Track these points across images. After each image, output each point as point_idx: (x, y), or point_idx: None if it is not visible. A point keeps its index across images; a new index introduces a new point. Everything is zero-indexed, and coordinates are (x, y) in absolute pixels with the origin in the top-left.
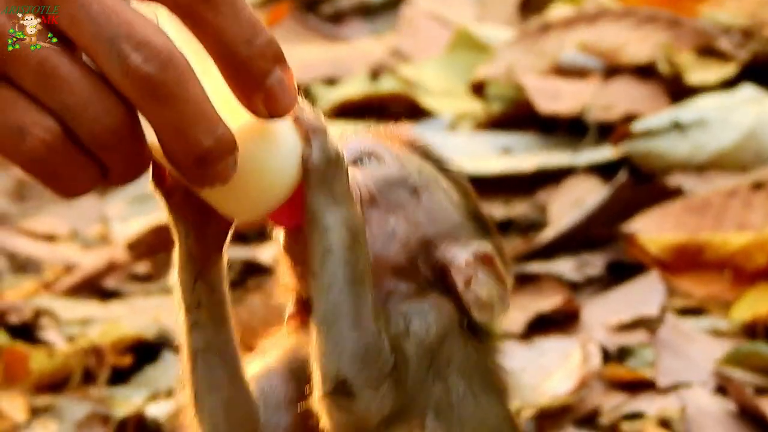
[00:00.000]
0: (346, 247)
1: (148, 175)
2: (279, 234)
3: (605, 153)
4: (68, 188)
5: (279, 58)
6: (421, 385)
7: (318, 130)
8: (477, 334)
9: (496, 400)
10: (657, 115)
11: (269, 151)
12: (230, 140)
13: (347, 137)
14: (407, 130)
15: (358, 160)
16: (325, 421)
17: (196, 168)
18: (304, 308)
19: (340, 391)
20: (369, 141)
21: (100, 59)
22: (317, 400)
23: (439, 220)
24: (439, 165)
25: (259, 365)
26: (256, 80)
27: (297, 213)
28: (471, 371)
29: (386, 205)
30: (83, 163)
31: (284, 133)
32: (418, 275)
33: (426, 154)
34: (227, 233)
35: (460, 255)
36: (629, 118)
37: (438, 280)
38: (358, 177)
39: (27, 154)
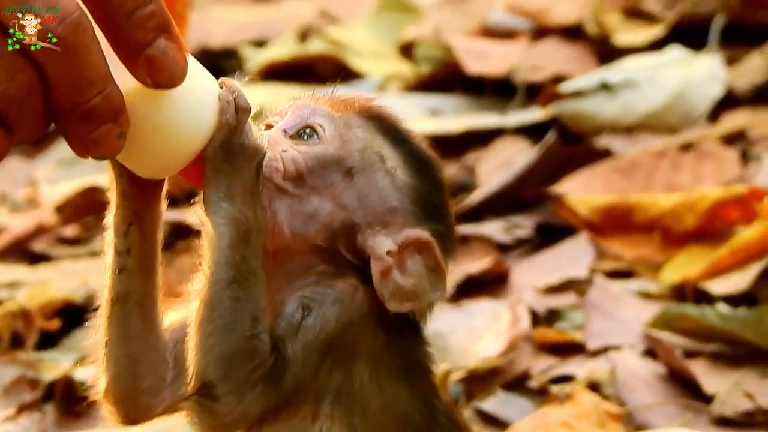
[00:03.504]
0: (232, 246)
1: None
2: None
3: (533, 114)
4: None
5: (162, 29)
6: (314, 376)
7: (229, 123)
8: (399, 322)
9: (406, 387)
10: (585, 76)
11: (168, 114)
12: (117, 100)
13: (295, 103)
14: (368, 98)
15: (298, 133)
16: (189, 419)
17: (82, 124)
18: None
19: (203, 393)
20: (316, 111)
21: (6, 18)
22: (184, 398)
23: (371, 204)
24: (397, 139)
25: (179, 314)
26: (136, 50)
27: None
28: (379, 360)
29: (313, 185)
30: None
31: (191, 98)
32: (339, 258)
33: (383, 125)
34: (164, 179)
35: (383, 244)
36: (557, 80)
37: (361, 265)
38: (291, 153)
39: None
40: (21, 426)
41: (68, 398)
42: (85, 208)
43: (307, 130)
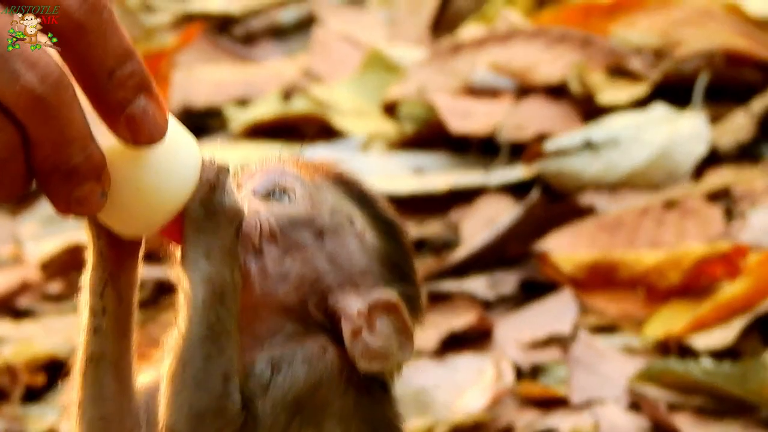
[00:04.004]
0: (207, 305)
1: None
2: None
3: (517, 172)
4: None
5: (143, 88)
6: None
7: (210, 182)
8: (368, 382)
9: None
10: (569, 134)
11: (148, 173)
12: (99, 160)
13: (264, 165)
14: (334, 163)
15: (269, 194)
16: None
17: (64, 183)
18: None
19: None
20: (285, 173)
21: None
22: None
23: (341, 265)
24: (364, 202)
25: (152, 376)
26: (116, 109)
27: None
28: (349, 419)
29: (285, 245)
30: None
31: (171, 157)
32: (308, 318)
33: (350, 189)
34: (141, 241)
35: (353, 304)
36: (541, 138)
37: (330, 325)
38: (262, 212)
39: None
40: None
41: None
42: (69, 264)
43: (277, 192)
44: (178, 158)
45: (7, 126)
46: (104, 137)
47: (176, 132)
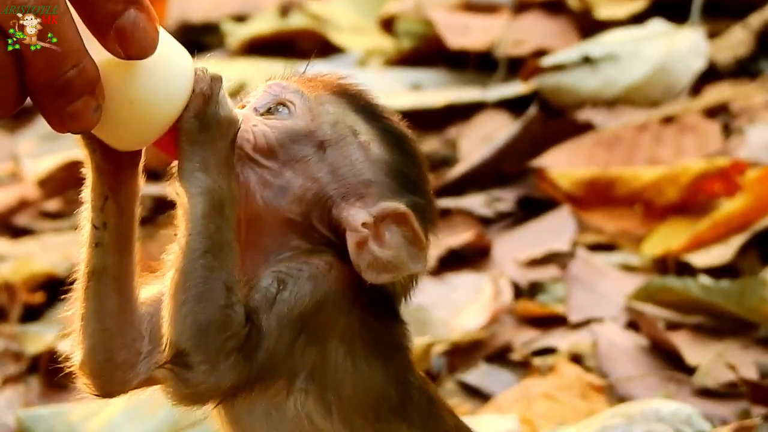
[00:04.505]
0: (205, 217)
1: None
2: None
3: (515, 88)
4: None
5: (132, 0)
6: (288, 350)
7: (203, 93)
8: (375, 302)
9: (380, 365)
10: (567, 50)
11: (141, 86)
12: (92, 73)
13: (266, 82)
14: (339, 76)
15: (269, 109)
16: (163, 388)
17: (58, 97)
18: None
19: (177, 361)
20: (285, 88)
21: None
22: (158, 368)
23: (343, 176)
24: (370, 114)
25: (155, 289)
26: (106, 21)
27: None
28: (354, 337)
29: (285, 158)
30: None
31: (164, 69)
32: (313, 233)
33: (355, 102)
34: (139, 153)
35: (358, 215)
36: (539, 53)
37: (337, 241)
38: (261, 127)
39: None
40: (5, 398)
41: (52, 370)
42: (67, 182)
43: (278, 107)
44: (171, 71)
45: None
46: (97, 52)
47: (168, 45)
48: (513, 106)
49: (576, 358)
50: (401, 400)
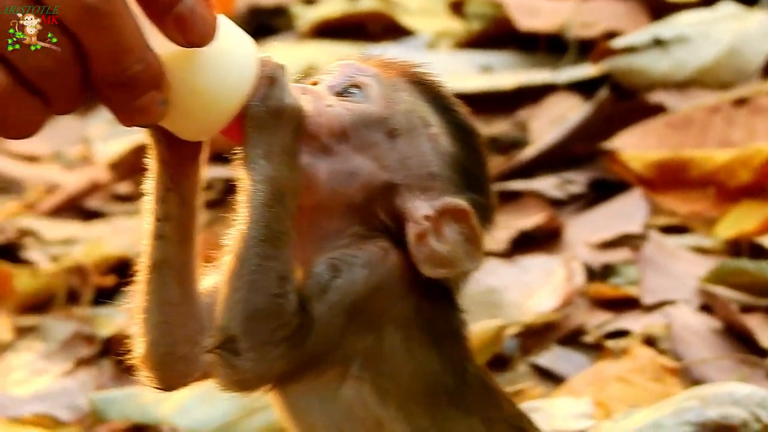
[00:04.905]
0: (264, 204)
1: None
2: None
3: (586, 70)
4: (14, 132)
5: None
6: (341, 338)
7: (269, 78)
8: (430, 289)
9: (437, 352)
10: (638, 31)
11: (205, 74)
12: (157, 67)
13: (343, 61)
14: (414, 63)
15: (344, 90)
16: (212, 372)
17: (124, 93)
18: None
19: (226, 347)
20: (363, 70)
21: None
22: (208, 350)
23: (411, 167)
24: (441, 105)
25: (214, 279)
26: (164, 9)
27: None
28: (409, 324)
29: (356, 143)
30: (27, 102)
31: (226, 57)
32: (373, 219)
33: (428, 91)
34: (202, 144)
35: (421, 207)
36: (609, 35)
37: (396, 229)
38: (336, 108)
39: None
40: (78, 381)
41: (124, 353)
42: (138, 165)
43: (353, 89)
44: (234, 57)
45: (60, 38)
46: (158, 42)
47: (230, 31)
48: (583, 88)
49: (649, 341)
50: (458, 388)
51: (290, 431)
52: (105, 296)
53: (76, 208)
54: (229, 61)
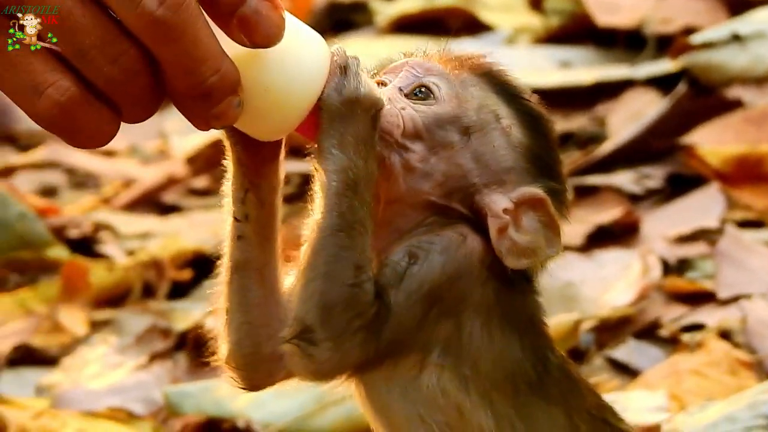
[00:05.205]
0: (340, 193)
1: None
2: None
3: (664, 66)
4: (86, 141)
5: None
6: (420, 325)
7: (342, 69)
8: (510, 274)
9: (517, 339)
10: (716, 27)
11: (275, 73)
12: (233, 75)
13: (408, 61)
14: (479, 56)
15: (413, 91)
16: (288, 363)
17: (201, 103)
18: None
19: (302, 337)
20: (430, 70)
21: (114, 3)
22: (284, 341)
23: (487, 164)
24: (510, 95)
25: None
26: (228, 11)
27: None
28: (490, 310)
29: (431, 143)
30: (98, 111)
31: (296, 54)
32: (450, 211)
33: (496, 83)
34: (280, 144)
35: (500, 202)
36: (688, 31)
37: (475, 218)
38: (409, 111)
39: (41, 114)
40: (153, 374)
41: (199, 347)
42: (215, 159)
43: (422, 89)
44: (304, 54)
45: (129, 48)
46: (227, 44)
47: (298, 28)
48: (662, 83)
49: (725, 335)
50: (540, 376)
51: (371, 421)
52: (181, 290)
53: (152, 203)
54: (299, 58)
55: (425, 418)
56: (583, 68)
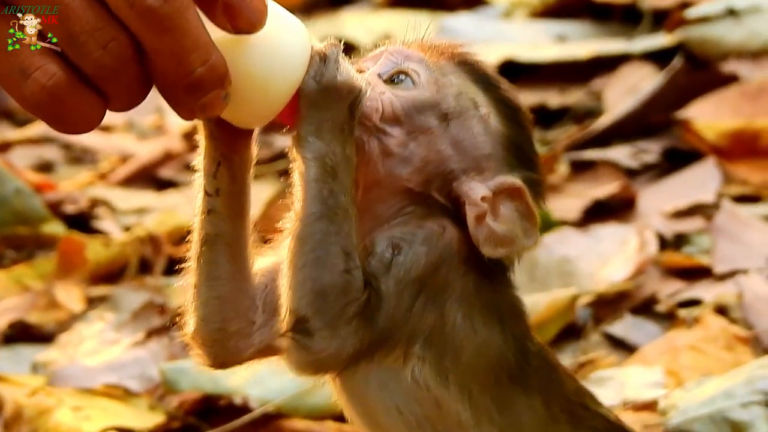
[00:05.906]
0: (318, 180)
1: None
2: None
3: (660, 40)
4: (71, 126)
5: None
6: (407, 314)
7: (322, 57)
8: (488, 266)
9: (498, 329)
10: (712, 1)
11: (258, 60)
12: (222, 67)
13: (388, 48)
14: (457, 44)
15: (392, 77)
16: (285, 358)
17: (188, 94)
18: None
19: (298, 328)
20: (409, 57)
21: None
22: (279, 337)
23: (465, 150)
24: (488, 85)
25: (271, 259)
26: None
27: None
28: (471, 301)
29: (410, 128)
30: (86, 98)
31: (278, 41)
32: (430, 201)
33: (474, 72)
34: None
35: (478, 189)
36: (684, 5)
37: (453, 208)
38: (389, 95)
39: (27, 97)
40: (149, 350)
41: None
42: None
43: (401, 76)
44: (285, 42)
45: (119, 35)
46: (210, 30)
47: (280, 17)
48: (658, 57)
49: (721, 310)
50: (520, 366)
51: (346, 412)
52: (177, 266)
53: (149, 178)
54: (281, 45)
55: (402, 410)
56: (579, 42)
